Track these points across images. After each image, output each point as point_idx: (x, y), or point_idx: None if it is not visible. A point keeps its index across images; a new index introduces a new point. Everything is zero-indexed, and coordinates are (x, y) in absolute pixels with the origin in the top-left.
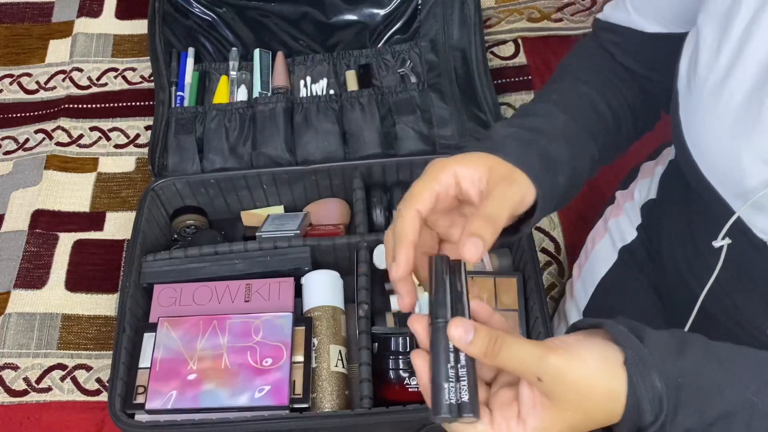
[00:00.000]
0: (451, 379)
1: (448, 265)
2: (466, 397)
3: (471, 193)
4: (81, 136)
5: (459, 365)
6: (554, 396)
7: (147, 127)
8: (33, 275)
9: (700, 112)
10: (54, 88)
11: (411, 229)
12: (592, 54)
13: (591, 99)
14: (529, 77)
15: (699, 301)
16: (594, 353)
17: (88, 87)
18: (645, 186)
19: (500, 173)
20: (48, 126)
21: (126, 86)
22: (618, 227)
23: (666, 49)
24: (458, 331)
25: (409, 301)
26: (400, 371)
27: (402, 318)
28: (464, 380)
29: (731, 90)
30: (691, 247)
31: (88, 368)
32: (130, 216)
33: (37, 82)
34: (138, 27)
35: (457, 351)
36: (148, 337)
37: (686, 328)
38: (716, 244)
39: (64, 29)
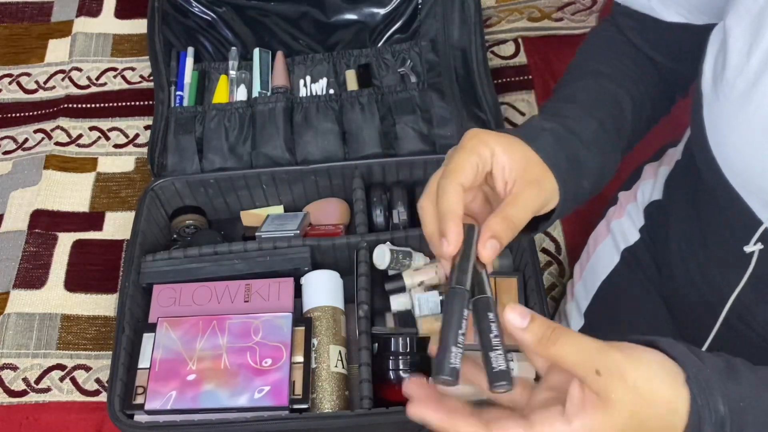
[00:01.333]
0: (459, 345)
1: (477, 236)
2: (504, 366)
3: (497, 178)
4: (80, 136)
5: (492, 335)
6: (610, 395)
7: (146, 127)
8: (32, 275)
9: (728, 116)
10: (53, 87)
11: (457, 203)
12: (610, 41)
13: (615, 96)
14: (530, 77)
15: (726, 309)
16: (657, 361)
17: (88, 86)
18: (648, 187)
19: (532, 175)
20: (47, 126)
21: (125, 86)
22: (620, 228)
23: (685, 40)
24: (513, 316)
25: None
26: (400, 372)
27: (402, 318)
28: (499, 349)
29: (763, 95)
30: (702, 252)
31: (87, 368)
32: (129, 216)
33: (36, 82)
34: (137, 26)
35: (486, 316)
36: (147, 338)
37: (711, 336)
38: (747, 249)
39: (64, 29)
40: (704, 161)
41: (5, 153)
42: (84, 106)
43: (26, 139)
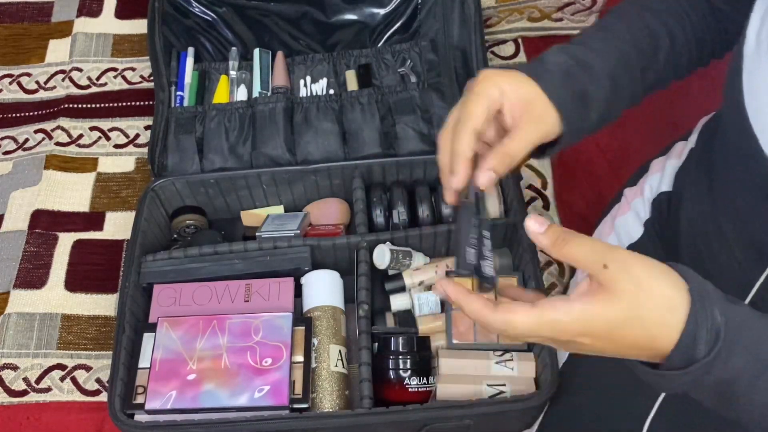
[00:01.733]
0: (471, 246)
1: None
2: (491, 273)
3: (506, 114)
4: (81, 136)
5: (483, 247)
6: (614, 285)
7: (147, 127)
8: (33, 275)
9: None
10: (54, 87)
11: (468, 146)
12: None
13: (653, 33)
14: None
15: (754, 289)
16: (662, 268)
17: (88, 87)
18: (656, 180)
19: (536, 112)
20: (47, 126)
21: (126, 86)
22: (625, 226)
23: None
24: (532, 223)
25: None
26: (400, 371)
27: (402, 318)
28: (489, 258)
29: None
30: (718, 243)
31: (87, 368)
32: (129, 216)
33: (37, 82)
34: (138, 26)
35: (480, 232)
36: (147, 337)
37: None
38: None
39: (64, 29)
40: (736, 128)
41: (6, 153)
42: (84, 106)
43: (27, 139)
